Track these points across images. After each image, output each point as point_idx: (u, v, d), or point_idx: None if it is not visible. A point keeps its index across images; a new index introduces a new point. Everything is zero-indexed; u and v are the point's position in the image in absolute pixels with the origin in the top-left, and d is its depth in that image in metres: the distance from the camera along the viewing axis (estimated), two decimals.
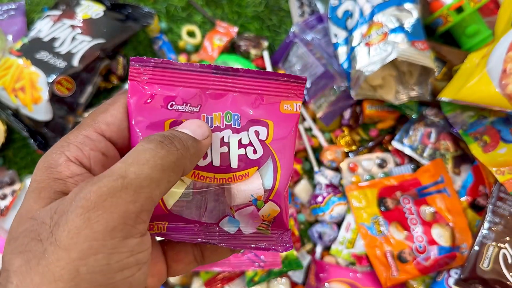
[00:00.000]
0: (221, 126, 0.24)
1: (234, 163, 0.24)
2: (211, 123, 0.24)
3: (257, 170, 0.24)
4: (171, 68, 0.23)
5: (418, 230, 0.57)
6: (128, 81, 0.23)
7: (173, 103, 0.23)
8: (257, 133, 0.24)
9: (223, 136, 0.24)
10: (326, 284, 0.57)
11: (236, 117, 0.24)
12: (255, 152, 0.24)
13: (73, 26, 0.61)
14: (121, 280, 0.17)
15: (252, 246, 0.25)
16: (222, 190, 0.25)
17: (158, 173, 0.18)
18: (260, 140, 0.24)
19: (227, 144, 0.24)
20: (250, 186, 0.24)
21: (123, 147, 0.22)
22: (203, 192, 0.24)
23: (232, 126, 0.24)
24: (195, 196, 0.24)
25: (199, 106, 0.24)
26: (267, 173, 0.24)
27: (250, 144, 0.24)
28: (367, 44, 0.57)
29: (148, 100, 0.23)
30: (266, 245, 0.25)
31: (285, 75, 0.24)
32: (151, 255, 0.20)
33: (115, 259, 0.17)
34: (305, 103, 0.66)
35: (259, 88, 0.24)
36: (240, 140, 0.24)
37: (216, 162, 0.24)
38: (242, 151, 0.24)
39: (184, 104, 0.24)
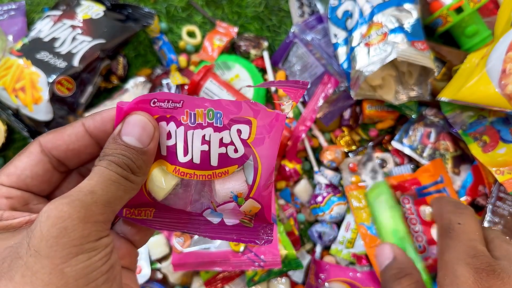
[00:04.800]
0: (203, 124, 0.24)
1: (214, 161, 0.24)
2: (193, 120, 0.24)
3: (237, 168, 0.25)
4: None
5: (418, 230, 0.57)
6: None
7: (155, 100, 0.24)
8: (239, 132, 0.24)
9: (205, 135, 0.24)
10: (326, 284, 0.57)
11: (218, 115, 0.24)
12: (236, 151, 0.24)
13: (73, 26, 0.61)
14: (102, 265, 0.20)
15: (234, 237, 0.26)
16: (204, 184, 0.25)
17: (122, 192, 0.22)
18: (242, 140, 0.24)
19: (208, 142, 0.24)
20: (230, 183, 0.25)
21: (29, 190, 0.24)
22: (189, 184, 0.25)
23: (214, 124, 0.24)
24: (182, 188, 0.25)
25: (181, 102, 0.24)
26: (247, 171, 0.25)
27: (232, 143, 0.24)
28: (367, 45, 0.57)
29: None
30: (248, 237, 0.26)
31: (285, 81, 0.24)
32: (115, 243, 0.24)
33: (93, 254, 0.20)
34: (305, 104, 0.66)
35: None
36: (221, 139, 0.24)
37: (196, 160, 0.24)
38: (223, 150, 0.24)
39: (166, 101, 0.24)
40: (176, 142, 0.24)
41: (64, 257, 0.19)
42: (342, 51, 0.62)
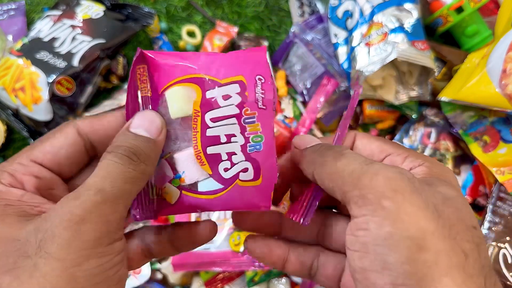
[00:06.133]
0: (246, 133, 0.24)
1: (210, 151, 0.24)
2: (248, 121, 0.23)
3: (208, 174, 0.24)
4: None
5: None
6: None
7: (262, 78, 0.24)
8: (245, 170, 0.24)
9: (235, 136, 0.23)
10: None
11: (258, 147, 0.24)
12: (225, 170, 0.24)
13: (73, 26, 0.61)
14: (113, 275, 0.20)
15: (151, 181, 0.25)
16: (189, 142, 0.24)
17: (130, 185, 0.21)
18: (237, 174, 0.24)
19: (228, 141, 0.24)
20: (191, 170, 0.24)
21: (59, 172, 0.24)
22: (188, 129, 0.24)
23: (249, 146, 0.24)
24: (183, 125, 0.24)
25: (266, 107, 0.24)
26: (209, 184, 0.24)
27: (232, 164, 0.24)
28: (367, 44, 0.57)
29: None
30: (140, 199, 0.25)
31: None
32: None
33: (105, 260, 0.20)
34: (305, 103, 0.66)
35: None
36: (232, 154, 0.24)
37: (209, 134, 0.24)
38: (224, 157, 0.24)
39: (261, 91, 0.23)
40: (219, 108, 0.23)
41: (75, 260, 0.18)
42: (342, 51, 0.62)
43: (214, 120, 0.24)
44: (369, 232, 0.19)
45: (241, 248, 0.54)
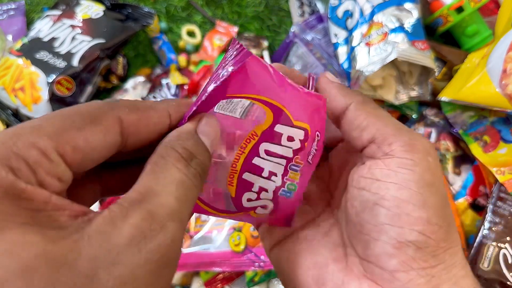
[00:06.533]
0: (289, 185, 0.23)
1: (246, 176, 0.23)
2: (302, 160, 0.23)
3: (231, 197, 0.23)
4: None
5: None
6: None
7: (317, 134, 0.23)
8: (265, 207, 0.25)
9: (276, 187, 0.23)
10: None
11: (292, 188, 0.24)
12: (248, 200, 0.24)
13: (73, 26, 0.61)
14: None
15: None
16: (224, 156, 0.23)
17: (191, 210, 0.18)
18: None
19: (268, 178, 0.23)
20: (220, 179, 0.23)
21: (75, 171, 0.17)
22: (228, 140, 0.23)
23: (283, 191, 0.23)
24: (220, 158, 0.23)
25: (315, 153, 0.23)
26: (227, 203, 0.24)
27: (258, 198, 0.24)
28: (367, 44, 0.57)
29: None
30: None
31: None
32: None
33: None
34: None
35: None
36: (264, 190, 0.23)
37: (256, 162, 0.23)
38: (255, 189, 0.23)
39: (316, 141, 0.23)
40: (279, 145, 0.23)
41: None
42: (342, 51, 0.62)
43: (268, 153, 0.23)
44: (414, 173, 0.20)
45: (241, 247, 0.54)
